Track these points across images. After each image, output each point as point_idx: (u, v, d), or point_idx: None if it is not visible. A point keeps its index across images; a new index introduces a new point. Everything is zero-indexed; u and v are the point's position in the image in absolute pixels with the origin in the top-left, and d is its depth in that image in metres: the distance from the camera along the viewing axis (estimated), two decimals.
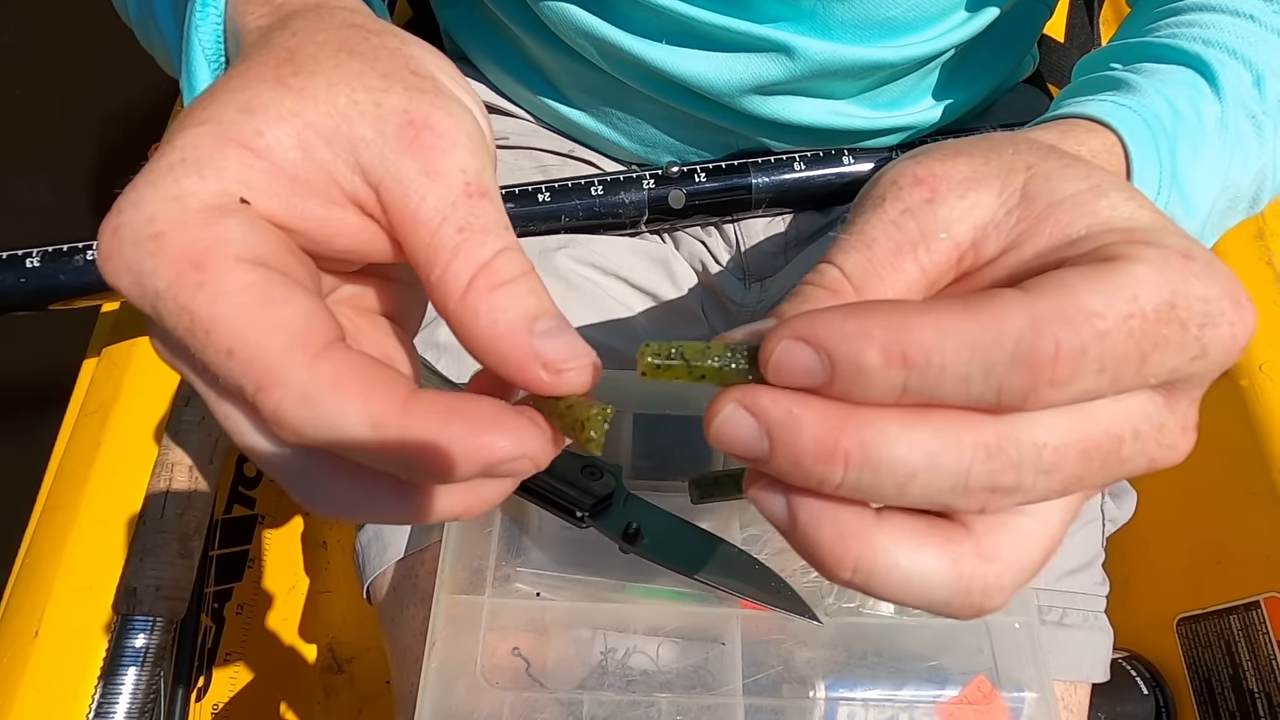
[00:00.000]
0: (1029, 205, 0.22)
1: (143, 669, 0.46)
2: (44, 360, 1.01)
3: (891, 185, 0.23)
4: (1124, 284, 0.19)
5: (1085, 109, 0.34)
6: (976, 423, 0.19)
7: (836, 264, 0.22)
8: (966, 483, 0.19)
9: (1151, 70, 0.38)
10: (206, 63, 0.31)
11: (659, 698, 0.35)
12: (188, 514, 0.48)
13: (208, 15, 0.30)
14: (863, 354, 0.18)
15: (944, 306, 0.19)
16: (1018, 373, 0.18)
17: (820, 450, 0.19)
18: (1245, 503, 0.63)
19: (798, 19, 0.48)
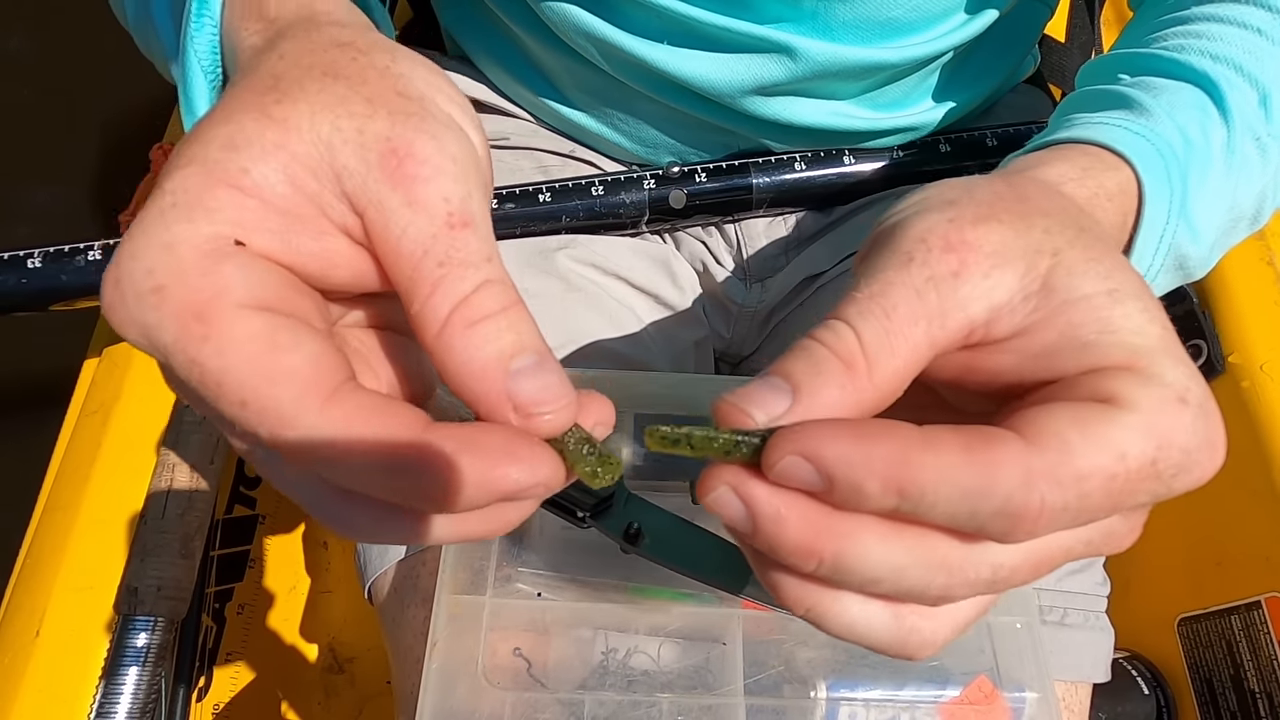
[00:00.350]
0: (1047, 296, 0.23)
1: (144, 669, 0.46)
2: (45, 360, 1.01)
3: (920, 244, 0.23)
4: (1114, 441, 0.20)
5: (1100, 135, 0.33)
6: (946, 545, 0.21)
7: (855, 328, 0.22)
8: (924, 593, 0.22)
9: (1160, 88, 0.37)
10: (203, 74, 0.31)
11: (660, 698, 0.35)
12: (189, 514, 0.48)
13: (203, 25, 0.30)
14: (864, 483, 0.20)
15: (946, 446, 0.20)
16: (1001, 521, 0.20)
17: (798, 548, 0.21)
18: (1246, 503, 0.63)
19: (799, 19, 0.48)
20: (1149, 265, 0.34)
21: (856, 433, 0.20)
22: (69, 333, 0.75)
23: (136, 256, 0.20)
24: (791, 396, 0.21)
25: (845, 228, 0.59)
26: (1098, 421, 0.20)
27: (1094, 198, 0.31)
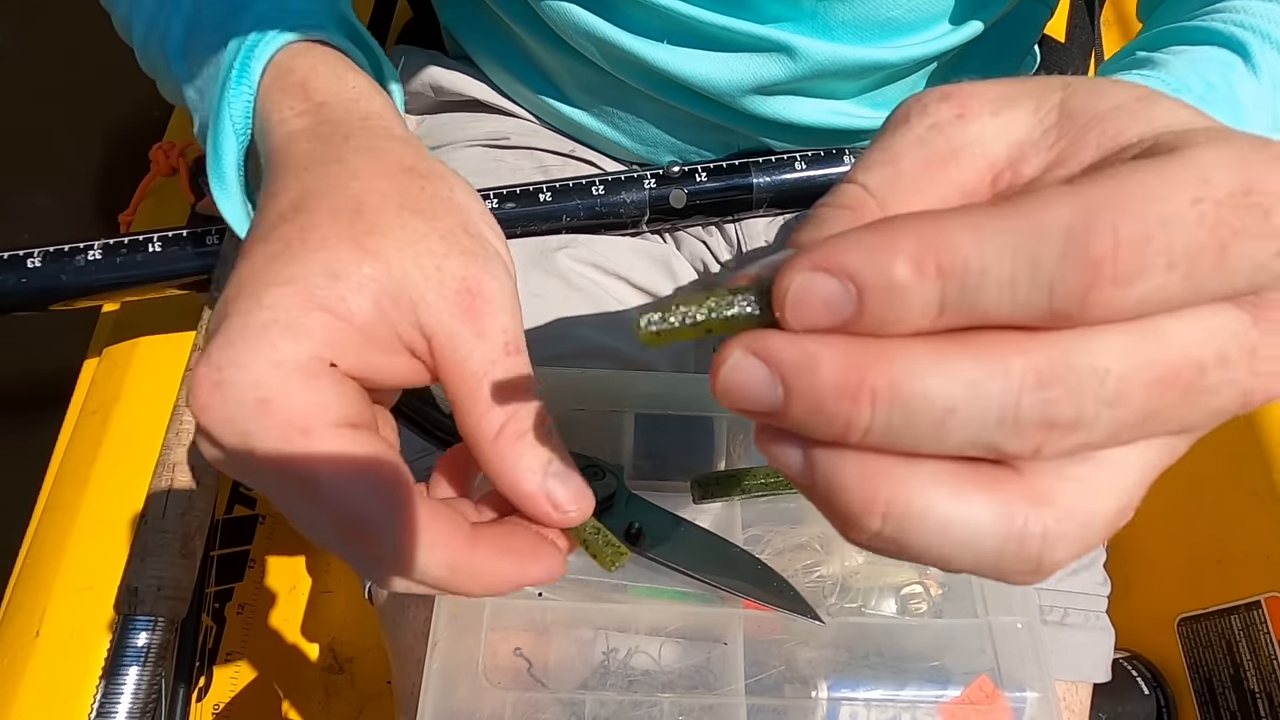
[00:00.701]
0: (1070, 120, 0.20)
1: (144, 669, 0.46)
2: (45, 360, 1.01)
3: (916, 103, 0.21)
4: (1190, 167, 0.16)
5: None
6: (1026, 344, 0.16)
7: (859, 181, 0.20)
8: (1017, 416, 0.16)
9: (1182, 50, 0.37)
10: (235, 136, 0.34)
11: (661, 698, 0.35)
12: (189, 514, 0.48)
13: (241, 92, 0.33)
14: (892, 269, 0.16)
15: (976, 208, 0.16)
16: (1072, 269, 0.15)
17: (843, 390, 0.16)
18: (1246, 503, 0.63)
19: (798, 19, 0.48)
20: None
21: (873, 224, 0.17)
22: (69, 333, 0.76)
23: (241, 367, 0.23)
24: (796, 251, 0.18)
25: None
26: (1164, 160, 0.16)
27: None
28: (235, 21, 0.35)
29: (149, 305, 0.63)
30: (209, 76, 0.36)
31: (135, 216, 0.72)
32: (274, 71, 0.33)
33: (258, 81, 0.33)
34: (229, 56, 0.34)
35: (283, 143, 0.30)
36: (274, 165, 0.30)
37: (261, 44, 0.33)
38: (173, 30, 0.38)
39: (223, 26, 0.35)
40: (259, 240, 0.26)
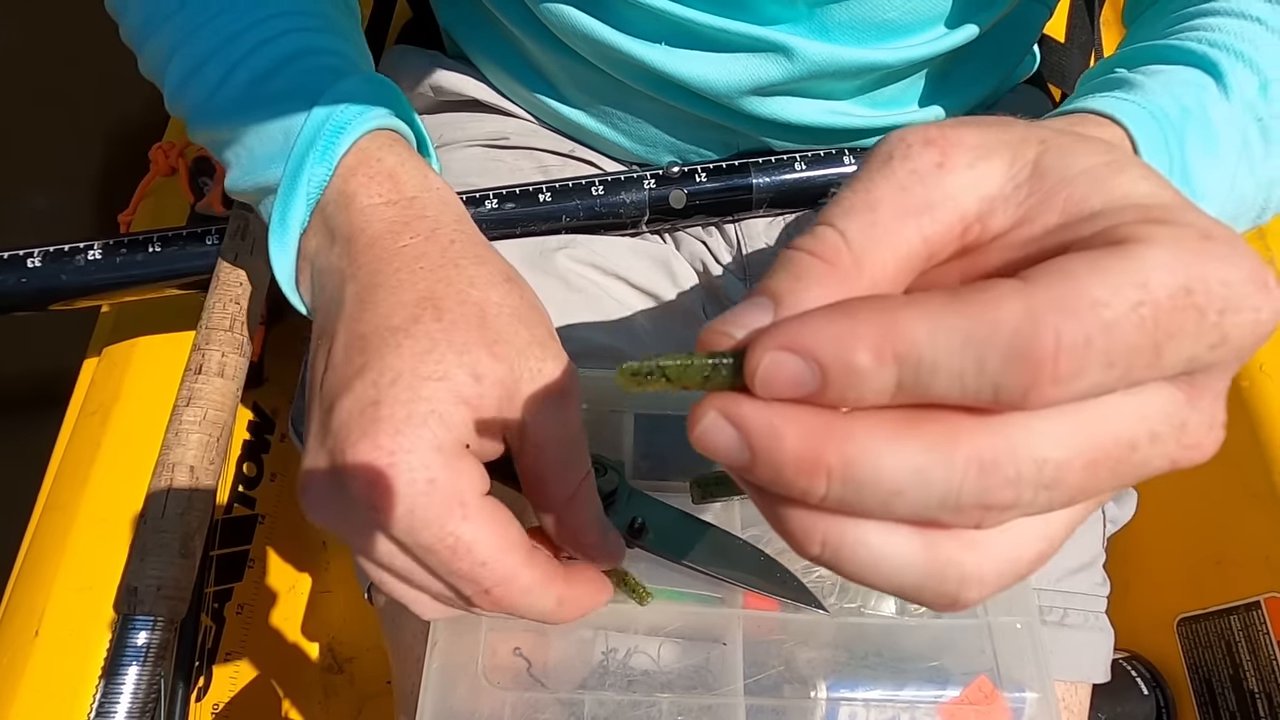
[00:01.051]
0: (1040, 179, 0.21)
1: (143, 668, 0.46)
2: (44, 360, 1.01)
3: (900, 142, 0.22)
4: (1133, 269, 0.17)
5: (1090, 104, 0.35)
6: (970, 433, 0.18)
7: (838, 228, 0.21)
8: (958, 501, 0.18)
9: (1157, 70, 0.38)
10: (307, 205, 0.37)
11: (660, 698, 0.35)
12: (188, 514, 0.48)
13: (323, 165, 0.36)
14: (854, 356, 0.17)
15: (933, 299, 0.18)
16: (1015, 368, 0.17)
17: (801, 464, 0.18)
18: (1246, 503, 0.63)
19: (795, 20, 0.48)
20: None
21: (835, 309, 0.18)
22: (69, 333, 0.75)
23: (410, 452, 0.28)
24: (773, 309, 0.20)
25: None
26: (1111, 257, 0.17)
27: None
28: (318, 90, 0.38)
29: (149, 305, 0.63)
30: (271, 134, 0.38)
31: (135, 216, 0.72)
32: (359, 155, 0.37)
33: (339, 159, 0.36)
34: (312, 126, 0.37)
35: (378, 227, 0.34)
36: (366, 246, 0.34)
37: (353, 124, 0.37)
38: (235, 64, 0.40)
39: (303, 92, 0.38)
40: (403, 334, 0.30)
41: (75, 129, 1.49)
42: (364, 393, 0.29)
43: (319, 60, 0.40)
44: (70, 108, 1.51)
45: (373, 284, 0.32)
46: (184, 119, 0.43)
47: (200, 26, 0.40)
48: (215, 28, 0.40)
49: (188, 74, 0.41)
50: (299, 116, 0.37)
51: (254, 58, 0.39)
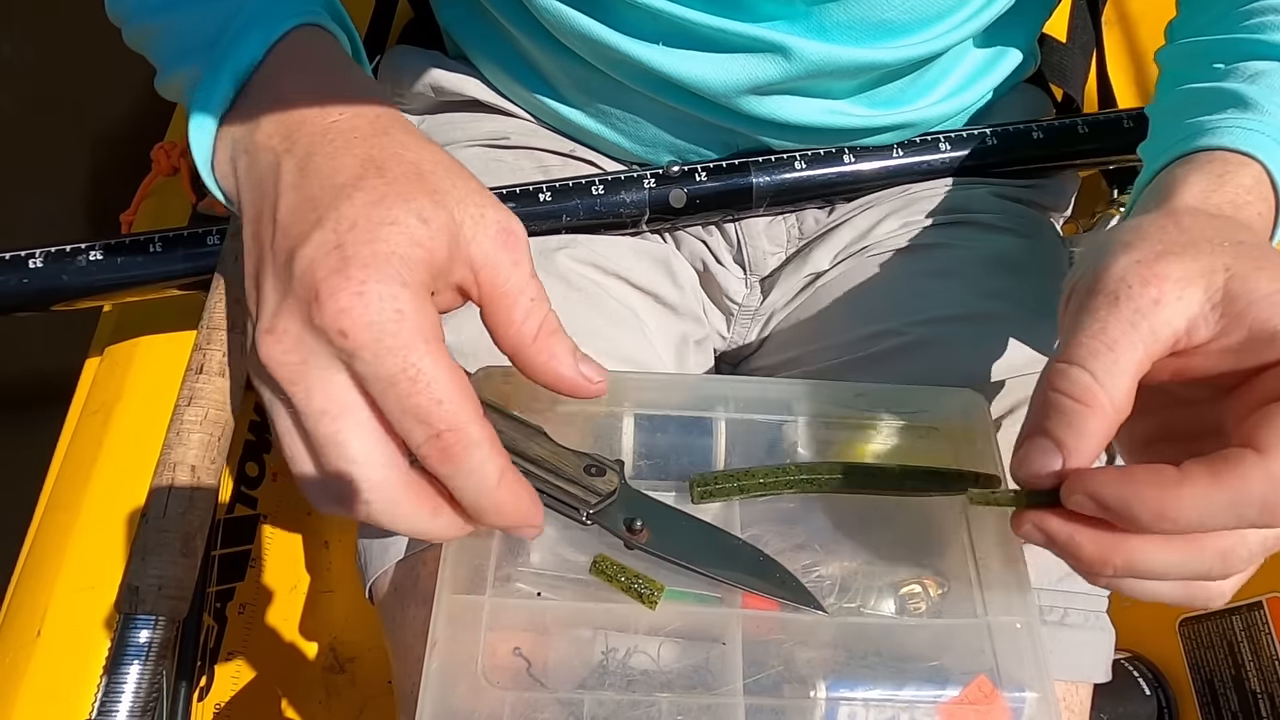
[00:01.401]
0: (1231, 303, 0.28)
1: (145, 668, 0.46)
2: (46, 360, 1.01)
3: (1122, 283, 0.30)
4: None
5: (1225, 140, 0.38)
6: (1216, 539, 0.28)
7: (1089, 369, 0.29)
8: (1208, 574, 0.28)
9: (1260, 74, 0.40)
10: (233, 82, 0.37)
11: (660, 698, 0.35)
12: (190, 513, 0.48)
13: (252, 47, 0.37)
14: (1138, 514, 0.27)
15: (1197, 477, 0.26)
16: (1265, 515, 0.26)
17: (1094, 562, 0.29)
18: None
19: (793, 19, 0.48)
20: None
21: (1125, 476, 0.27)
22: (70, 333, 0.76)
23: (380, 283, 0.29)
24: (1061, 455, 0.29)
25: (845, 227, 0.59)
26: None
27: (1237, 198, 0.36)
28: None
29: (150, 305, 0.63)
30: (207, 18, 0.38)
31: (136, 216, 0.72)
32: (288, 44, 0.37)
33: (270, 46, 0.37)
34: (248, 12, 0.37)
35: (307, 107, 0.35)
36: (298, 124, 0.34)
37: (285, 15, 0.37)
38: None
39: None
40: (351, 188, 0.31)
41: (77, 129, 1.49)
42: (324, 239, 0.30)
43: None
44: (72, 108, 1.51)
45: (309, 154, 0.33)
46: (120, 24, 0.43)
47: None
48: None
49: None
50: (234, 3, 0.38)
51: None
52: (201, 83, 0.37)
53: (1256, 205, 0.36)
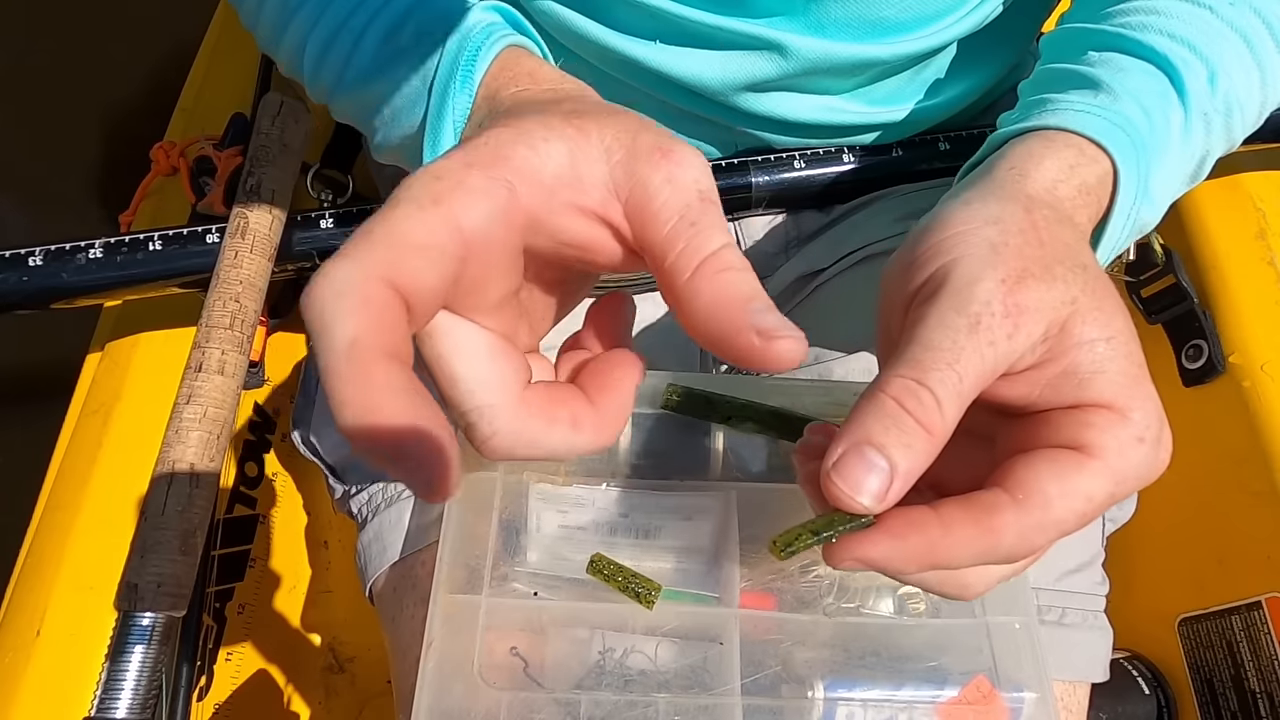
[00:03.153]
0: (1062, 339, 0.29)
1: (144, 667, 0.46)
2: (46, 359, 1.01)
3: (986, 308, 0.28)
4: (1084, 489, 0.27)
5: (1083, 126, 0.37)
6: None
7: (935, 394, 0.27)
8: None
9: (1125, 69, 0.40)
10: (454, 131, 0.37)
11: (657, 698, 0.35)
12: (189, 511, 0.48)
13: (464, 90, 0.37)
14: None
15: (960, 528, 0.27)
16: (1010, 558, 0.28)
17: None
18: (1247, 503, 0.63)
19: (790, 15, 0.48)
20: (1116, 242, 0.38)
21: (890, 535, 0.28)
22: (70, 331, 0.76)
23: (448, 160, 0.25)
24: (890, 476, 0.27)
25: (844, 226, 0.59)
26: (1071, 474, 0.28)
27: (1076, 196, 0.36)
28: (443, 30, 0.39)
29: (150, 304, 0.63)
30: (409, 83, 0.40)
31: (136, 216, 0.72)
32: (497, 67, 0.37)
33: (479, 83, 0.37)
34: (447, 62, 0.38)
35: (514, 102, 0.34)
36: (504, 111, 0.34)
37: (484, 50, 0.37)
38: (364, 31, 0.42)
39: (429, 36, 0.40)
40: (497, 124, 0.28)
41: (76, 129, 1.49)
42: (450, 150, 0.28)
43: (439, 3, 0.41)
44: (71, 108, 1.51)
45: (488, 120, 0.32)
46: (326, 100, 0.46)
47: (323, 12, 0.43)
48: (338, 7, 0.43)
49: (320, 55, 0.44)
50: (431, 59, 0.39)
51: (377, 20, 0.42)
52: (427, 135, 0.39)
53: (1087, 208, 0.36)
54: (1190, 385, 0.67)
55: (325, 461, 0.60)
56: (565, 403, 0.27)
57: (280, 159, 0.60)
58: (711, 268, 0.26)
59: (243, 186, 0.57)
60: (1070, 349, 0.29)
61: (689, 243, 0.26)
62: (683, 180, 0.26)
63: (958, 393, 0.28)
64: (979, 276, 0.29)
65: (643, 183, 0.26)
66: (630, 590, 0.36)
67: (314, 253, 0.58)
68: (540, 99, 0.33)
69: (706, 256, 0.26)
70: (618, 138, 0.27)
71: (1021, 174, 0.35)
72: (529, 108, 0.30)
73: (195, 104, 0.80)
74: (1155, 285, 0.67)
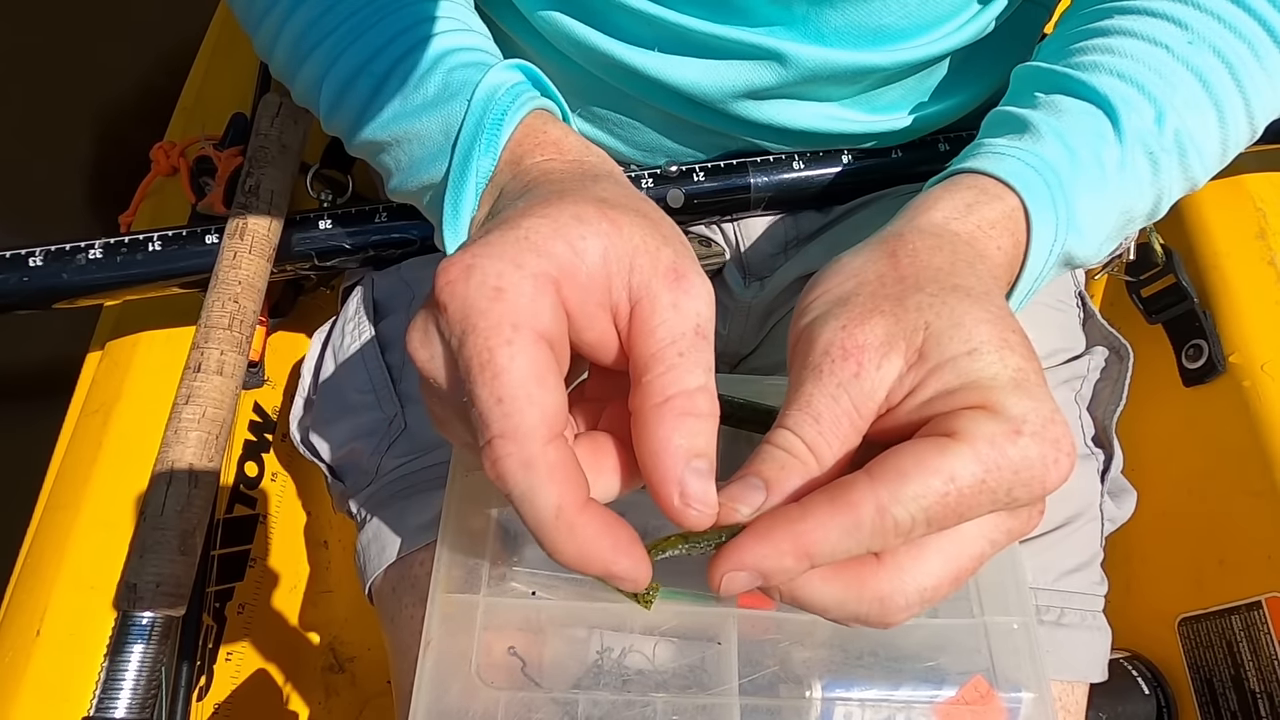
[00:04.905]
0: (922, 363, 0.29)
1: (143, 667, 0.46)
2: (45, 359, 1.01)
3: (825, 356, 0.30)
4: (944, 467, 0.27)
5: (989, 166, 0.38)
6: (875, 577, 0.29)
7: (798, 434, 0.29)
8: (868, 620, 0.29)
9: (1063, 110, 0.41)
10: (476, 193, 0.38)
11: (655, 697, 0.35)
12: (188, 511, 0.48)
13: (488, 153, 0.38)
14: (782, 563, 0.27)
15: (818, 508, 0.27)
16: (876, 539, 0.27)
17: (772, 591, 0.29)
18: (1246, 502, 0.63)
19: (790, 24, 0.47)
20: (1039, 273, 0.38)
21: (758, 535, 0.27)
22: (70, 331, 0.76)
23: (492, 259, 0.27)
24: (765, 491, 0.29)
25: (843, 226, 0.59)
26: (931, 453, 0.27)
27: (977, 230, 0.36)
28: (468, 88, 0.40)
29: (150, 304, 0.63)
30: (431, 136, 0.41)
31: (135, 217, 0.72)
32: (524, 131, 0.38)
33: (504, 146, 0.38)
34: (472, 122, 0.39)
35: (541, 174, 0.36)
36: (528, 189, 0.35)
37: (510, 113, 0.38)
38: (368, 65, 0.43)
39: (454, 92, 0.40)
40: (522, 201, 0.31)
41: (76, 129, 1.50)
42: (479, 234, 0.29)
43: (465, 56, 0.42)
44: (71, 108, 1.52)
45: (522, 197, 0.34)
46: (341, 134, 0.46)
47: (346, 49, 0.44)
48: (360, 47, 0.43)
49: (339, 94, 0.44)
50: (455, 116, 0.40)
51: (402, 65, 0.42)
52: (448, 195, 0.39)
53: (998, 239, 0.36)
54: (1190, 385, 0.67)
55: (325, 461, 0.60)
56: (610, 452, 0.30)
57: (280, 159, 0.60)
58: (679, 406, 0.28)
59: (242, 187, 0.57)
60: (935, 370, 0.29)
61: (670, 370, 0.28)
62: (687, 309, 0.29)
63: (817, 431, 0.29)
64: (821, 330, 0.31)
65: (653, 298, 0.29)
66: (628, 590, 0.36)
67: (313, 253, 0.58)
68: (568, 175, 0.35)
69: (679, 393, 0.28)
70: (645, 244, 0.29)
71: (910, 217, 0.37)
72: (558, 187, 0.33)
73: (195, 104, 0.80)
74: (1155, 285, 0.67)
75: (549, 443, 0.26)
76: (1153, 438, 0.70)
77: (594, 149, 0.38)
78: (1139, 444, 0.66)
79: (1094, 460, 0.56)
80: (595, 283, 0.29)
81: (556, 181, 0.34)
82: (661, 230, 0.31)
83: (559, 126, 0.39)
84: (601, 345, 0.30)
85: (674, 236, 0.31)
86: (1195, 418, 0.67)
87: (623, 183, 0.35)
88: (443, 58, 0.42)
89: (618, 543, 0.27)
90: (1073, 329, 0.60)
